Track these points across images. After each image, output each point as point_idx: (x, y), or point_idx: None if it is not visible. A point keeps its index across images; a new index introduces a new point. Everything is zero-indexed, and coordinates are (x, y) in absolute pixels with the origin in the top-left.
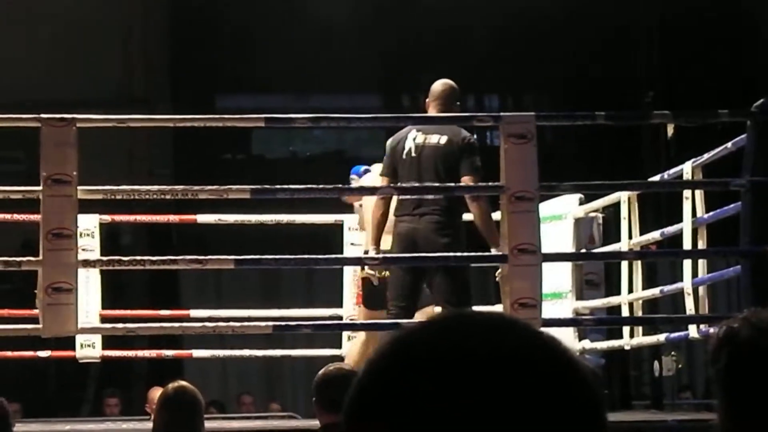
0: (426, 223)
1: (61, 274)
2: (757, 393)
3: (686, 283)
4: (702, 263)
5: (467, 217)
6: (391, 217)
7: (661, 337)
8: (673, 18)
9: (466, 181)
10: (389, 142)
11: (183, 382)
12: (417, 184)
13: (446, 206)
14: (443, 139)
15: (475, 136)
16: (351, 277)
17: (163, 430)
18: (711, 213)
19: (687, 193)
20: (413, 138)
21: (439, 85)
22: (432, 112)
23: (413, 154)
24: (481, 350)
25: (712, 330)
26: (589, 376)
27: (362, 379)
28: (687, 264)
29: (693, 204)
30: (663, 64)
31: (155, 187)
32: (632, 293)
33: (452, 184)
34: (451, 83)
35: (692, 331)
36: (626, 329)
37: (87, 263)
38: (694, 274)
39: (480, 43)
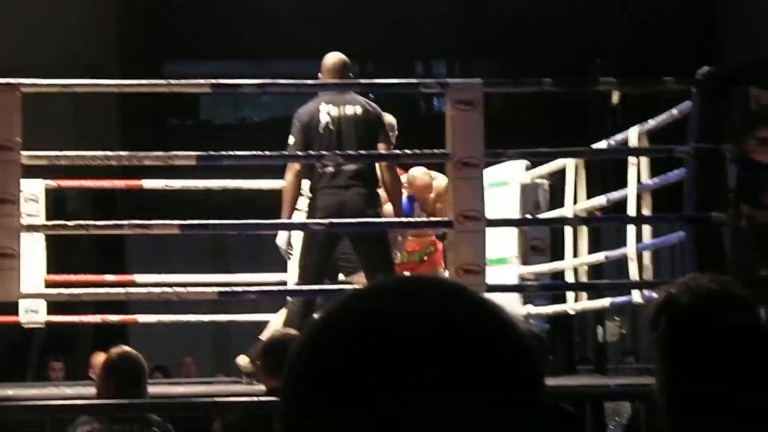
0: (352, 194)
1: (4, 239)
2: (694, 358)
3: (630, 249)
4: (647, 229)
5: None
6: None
7: (606, 302)
8: None
9: (382, 149)
10: (299, 117)
11: (126, 348)
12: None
13: (369, 176)
14: (359, 109)
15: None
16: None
17: (108, 395)
18: (656, 179)
19: (633, 159)
20: (327, 111)
21: (331, 58)
22: None
23: (331, 127)
24: (426, 318)
25: (655, 295)
26: (531, 345)
27: (305, 345)
28: (631, 230)
29: (639, 170)
30: (615, 31)
31: (100, 153)
32: (577, 258)
33: (404, 152)
34: (343, 57)
35: (636, 296)
36: (570, 294)
37: (31, 228)
38: (639, 240)
39: (429, 10)
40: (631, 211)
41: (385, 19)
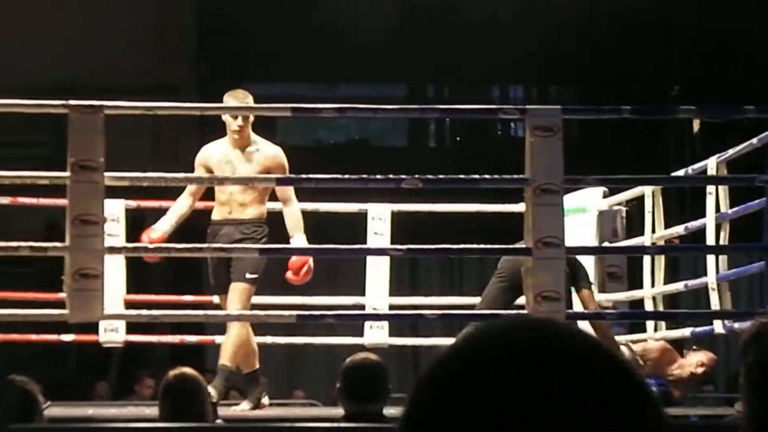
0: None
1: (88, 260)
2: None
3: (710, 278)
4: (724, 259)
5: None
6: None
7: (687, 332)
8: (702, 11)
9: None
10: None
11: (184, 369)
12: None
13: None
14: None
15: None
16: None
17: (169, 417)
18: (735, 209)
19: (711, 188)
20: None
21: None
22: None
23: None
24: (550, 360)
25: (736, 325)
26: (650, 390)
27: (430, 377)
28: (711, 259)
29: (717, 199)
30: (691, 57)
31: (181, 175)
32: (655, 287)
33: (483, 176)
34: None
35: (717, 326)
36: (650, 323)
37: (113, 250)
38: (717, 269)
39: (505, 34)
40: (710, 240)
41: (461, 42)
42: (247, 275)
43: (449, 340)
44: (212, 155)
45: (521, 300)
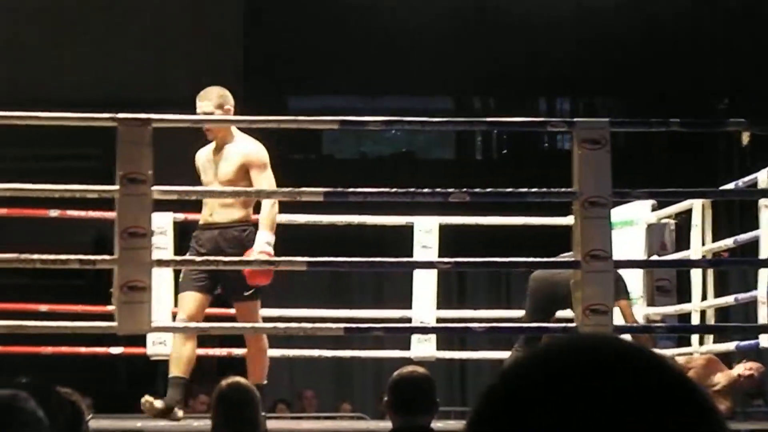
0: None
1: (136, 272)
2: None
3: (761, 292)
4: None
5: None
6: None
7: (731, 346)
8: (752, 24)
9: None
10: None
11: (237, 378)
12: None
13: None
14: None
15: None
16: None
17: (221, 426)
18: None
19: (765, 201)
20: None
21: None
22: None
23: None
24: (617, 375)
25: None
26: (710, 404)
27: (495, 393)
28: (763, 273)
29: None
30: (740, 69)
31: (229, 189)
32: (704, 300)
33: (530, 190)
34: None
35: (763, 340)
36: (695, 337)
37: (161, 263)
38: None
39: (552, 47)
40: (764, 254)
41: (507, 54)
42: (245, 293)
43: (497, 354)
44: (200, 157)
45: (561, 313)
